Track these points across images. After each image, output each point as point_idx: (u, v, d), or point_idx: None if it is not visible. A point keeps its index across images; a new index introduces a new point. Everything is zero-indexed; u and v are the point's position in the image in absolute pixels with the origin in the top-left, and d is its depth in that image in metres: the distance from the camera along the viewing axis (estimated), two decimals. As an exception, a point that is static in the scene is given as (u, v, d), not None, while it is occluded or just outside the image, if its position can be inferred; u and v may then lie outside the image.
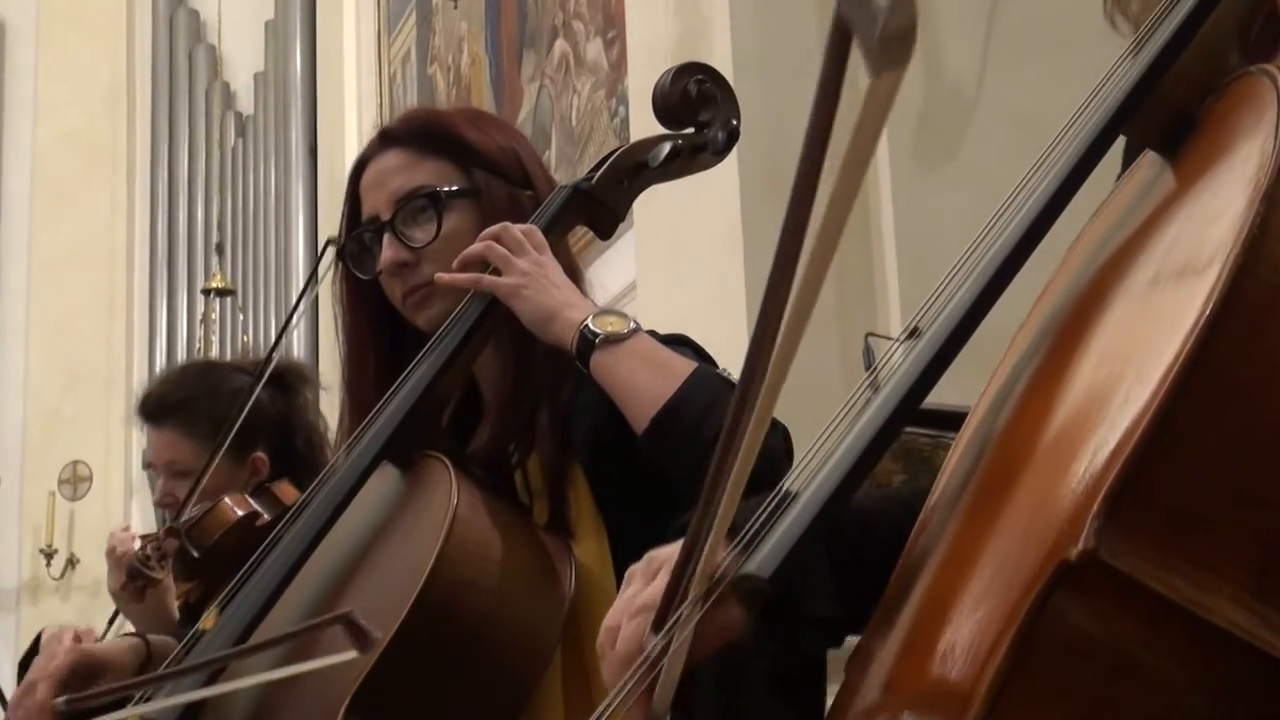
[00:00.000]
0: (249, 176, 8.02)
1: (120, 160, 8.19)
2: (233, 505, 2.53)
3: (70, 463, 7.78)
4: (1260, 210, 0.78)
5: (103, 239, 8.06)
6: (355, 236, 1.81)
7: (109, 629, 2.67)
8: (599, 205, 1.79)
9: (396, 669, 1.50)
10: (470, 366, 1.75)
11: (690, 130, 1.81)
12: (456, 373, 1.71)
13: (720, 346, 1.81)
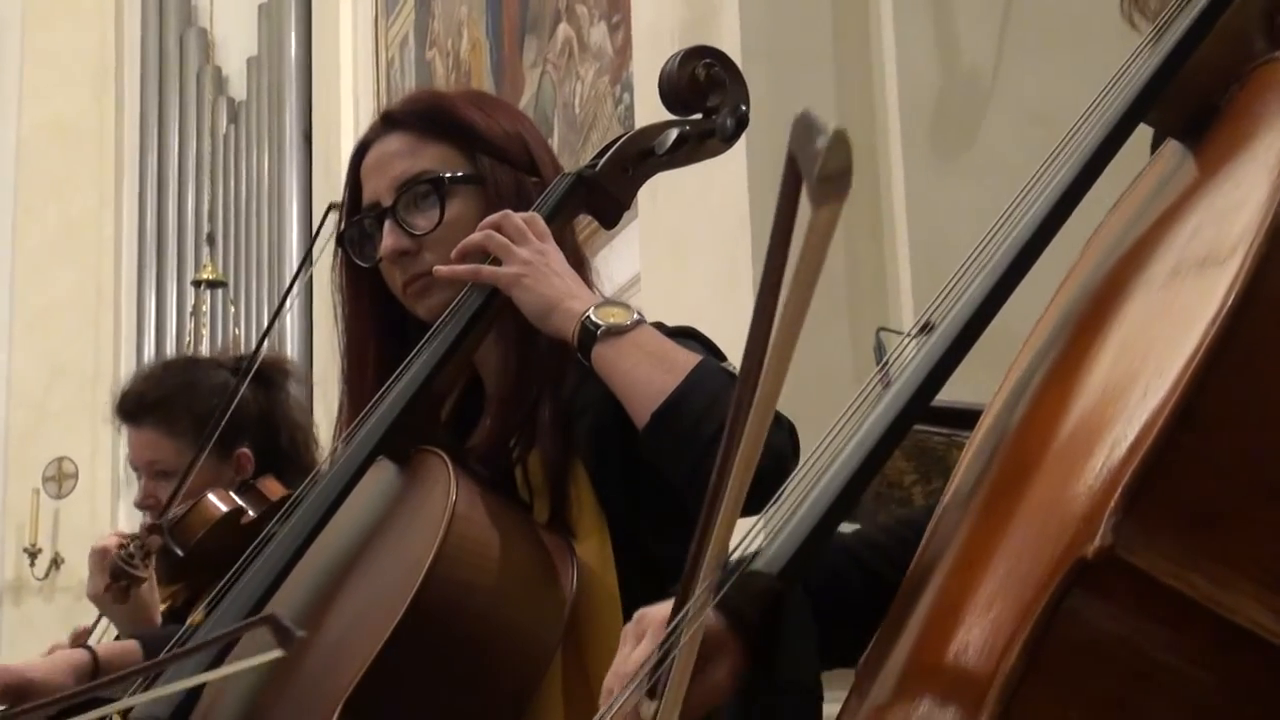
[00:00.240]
0: (241, 164, 8.03)
1: (108, 148, 8.19)
2: (217, 501, 2.53)
3: (55, 459, 7.78)
4: (1284, 199, 0.78)
5: (90, 229, 8.06)
6: (355, 222, 1.81)
7: (90, 634, 2.68)
8: (603, 193, 1.79)
9: (391, 671, 1.50)
10: (470, 358, 1.74)
11: (698, 116, 1.81)
12: (456, 365, 1.70)
13: (728, 339, 1.80)
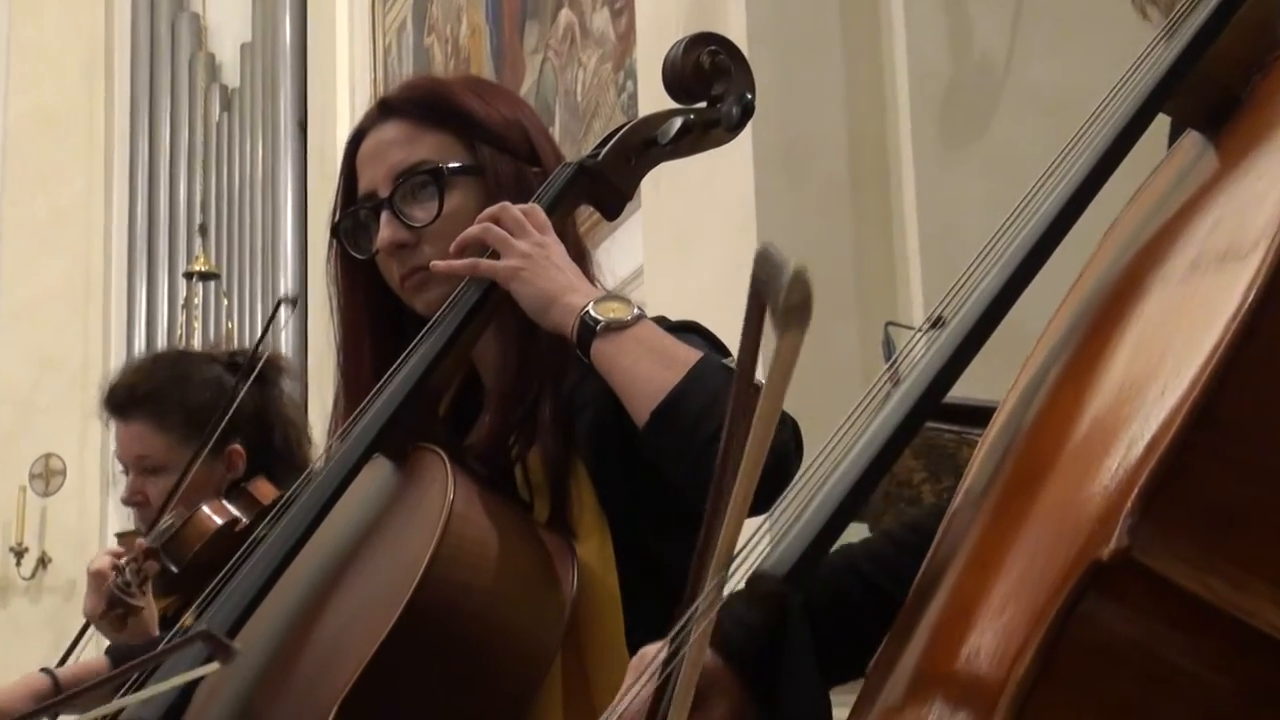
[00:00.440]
0: (234, 153, 8.02)
1: (97, 136, 8.18)
2: (211, 514, 2.53)
3: (42, 456, 7.78)
4: (1309, 192, 0.78)
5: (79, 219, 8.06)
6: (351, 213, 1.81)
7: (74, 647, 2.68)
8: (605, 184, 1.79)
9: (388, 674, 1.50)
10: (469, 353, 1.74)
11: (702, 105, 1.81)
12: (454, 360, 1.70)
13: (733, 334, 1.79)
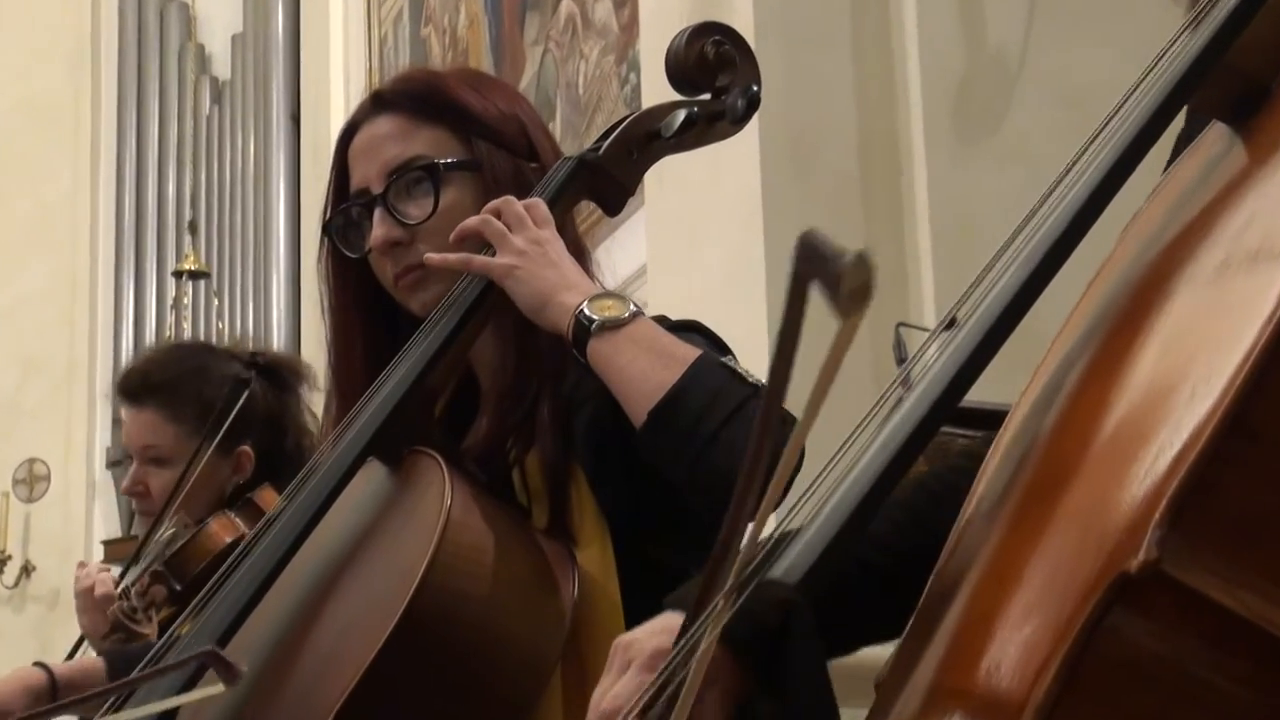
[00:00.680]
0: (225, 148, 8.02)
1: (84, 130, 8.17)
2: (219, 531, 2.53)
3: (26, 460, 7.77)
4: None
5: (64, 216, 8.04)
6: (343, 210, 1.80)
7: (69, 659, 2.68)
8: (606, 178, 1.79)
9: (384, 682, 1.50)
10: (466, 354, 1.74)
11: (707, 97, 1.81)
12: (450, 361, 1.70)
13: (738, 332, 1.80)
